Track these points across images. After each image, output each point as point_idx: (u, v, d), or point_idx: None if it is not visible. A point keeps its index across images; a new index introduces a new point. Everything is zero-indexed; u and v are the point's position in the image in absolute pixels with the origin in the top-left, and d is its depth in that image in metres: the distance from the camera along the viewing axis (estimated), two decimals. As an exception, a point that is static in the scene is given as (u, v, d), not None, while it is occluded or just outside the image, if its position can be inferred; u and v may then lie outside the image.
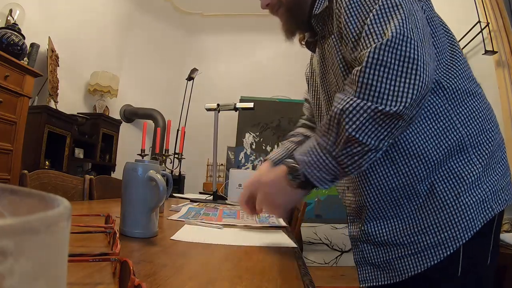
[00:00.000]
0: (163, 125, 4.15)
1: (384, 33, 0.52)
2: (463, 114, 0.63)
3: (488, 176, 0.63)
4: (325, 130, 0.56)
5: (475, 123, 0.64)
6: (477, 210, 0.60)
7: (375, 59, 0.51)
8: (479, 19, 2.33)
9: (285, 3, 0.73)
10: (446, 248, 0.60)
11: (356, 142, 0.53)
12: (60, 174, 1.20)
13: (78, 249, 0.49)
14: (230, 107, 1.85)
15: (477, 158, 0.62)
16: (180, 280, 0.39)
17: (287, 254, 0.59)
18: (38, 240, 0.12)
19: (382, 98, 0.51)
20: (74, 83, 3.49)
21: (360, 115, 0.51)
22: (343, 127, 0.53)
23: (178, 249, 0.57)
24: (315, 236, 3.54)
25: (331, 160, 0.55)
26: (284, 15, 0.75)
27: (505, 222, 1.79)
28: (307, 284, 0.43)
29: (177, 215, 0.99)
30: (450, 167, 0.62)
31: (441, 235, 0.60)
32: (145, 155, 1.85)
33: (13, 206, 0.16)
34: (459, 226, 0.59)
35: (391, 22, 0.52)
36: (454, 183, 0.61)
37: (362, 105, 0.51)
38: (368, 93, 0.51)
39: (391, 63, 0.50)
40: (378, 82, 0.51)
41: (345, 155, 0.54)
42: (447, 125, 0.62)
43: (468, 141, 0.62)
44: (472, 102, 0.65)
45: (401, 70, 0.50)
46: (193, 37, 5.00)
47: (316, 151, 0.56)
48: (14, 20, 2.44)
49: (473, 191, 0.61)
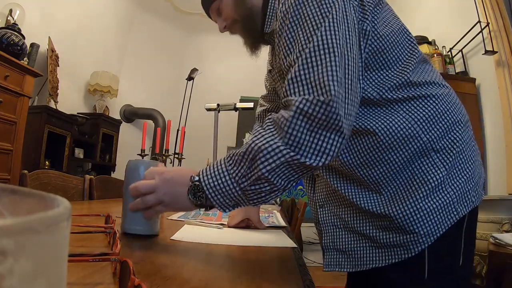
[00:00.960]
0: (163, 125, 4.15)
1: (312, 86, 0.53)
2: (423, 120, 0.62)
3: (453, 179, 0.62)
4: (238, 160, 0.55)
5: (437, 127, 0.63)
6: (440, 215, 0.60)
7: (302, 113, 0.51)
8: (479, 19, 2.33)
9: (240, 20, 0.75)
10: (409, 251, 0.60)
11: (267, 181, 0.53)
12: (60, 174, 1.20)
13: (78, 249, 0.49)
14: (230, 107, 1.86)
15: (440, 162, 0.62)
16: (180, 280, 0.39)
17: (287, 254, 0.59)
18: (38, 240, 0.12)
19: (304, 151, 0.52)
20: (74, 83, 3.49)
21: (277, 158, 0.52)
22: (257, 165, 0.53)
23: (178, 249, 0.57)
24: (315, 236, 3.54)
25: (238, 190, 0.55)
26: (242, 32, 0.78)
27: (505, 222, 1.79)
28: (307, 284, 0.43)
29: (177, 215, 0.99)
30: (412, 172, 0.62)
31: (403, 236, 0.61)
32: (145, 155, 1.85)
33: (13, 206, 0.16)
34: (421, 231, 0.60)
35: (320, 74, 0.52)
36: (416, 188, 0.61)
37: (282, 149, 0.52)
38: (291, 143, 0.52)
39: (315, 120, 0.51)
40: (302, 135, 0.52)
41: (253, 191, 0.55)
42: (409, 132, 0.61)
43: (431, 146, 0.62)
44: (432, 107, 0.64)
45: (323, 129, 0.52)
46: (193, 37, 5.00)
47: (225, 178, 0.55)
48: (14, 20, 2.44)
49: (435, 195, 0.61)
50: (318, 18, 0.55)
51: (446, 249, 0.62)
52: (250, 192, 0.55)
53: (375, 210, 0.64)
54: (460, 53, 2.59)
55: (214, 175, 0.56)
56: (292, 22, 0.58)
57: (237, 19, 0.75)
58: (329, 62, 0.52)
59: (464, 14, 2.56)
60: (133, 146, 3.68)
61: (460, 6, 2.66)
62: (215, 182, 0.55)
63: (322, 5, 0.55)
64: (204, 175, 0.56)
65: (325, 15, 0.55)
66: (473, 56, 2.52)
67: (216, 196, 0.55)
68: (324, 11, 0.55)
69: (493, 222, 1.84)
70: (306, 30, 0.55)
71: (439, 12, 2.98)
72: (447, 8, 2.89)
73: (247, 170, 0.54)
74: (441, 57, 2.66)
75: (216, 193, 0.55)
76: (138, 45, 4.49)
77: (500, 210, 1.85)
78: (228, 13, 0.74)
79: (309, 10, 0.56)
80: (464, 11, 2.58)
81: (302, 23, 0.56)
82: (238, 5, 0.73)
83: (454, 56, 2.67)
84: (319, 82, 0.52)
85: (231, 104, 1.86)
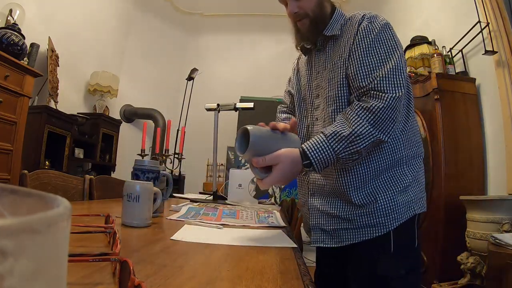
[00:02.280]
0: (163, 125, 4.14)
1: (396, 87, 0.79)
2: (405, 139, 0.89)
3: (415, 186, 0.89)
4: (341, 139, 0.78)
5: (412, 146, 0.90)
6: (403, 208, 0.85)
7: (390, 105, 0.78)
8: (479, 19, 2.33)
9: (312, 16, 0.90)
10: (379, 230, 0.84)
11: (358, 153, 0.79)
12: (60, 174, 1.20)
13: (78, 249, 0.49)
14: (230, 107, 1.85)
15: (409, 171, 0.89)
16: (180, 280, 0.39)
17: (287, 254, 0.59)
18: (38, 240, 0.12)
19: (385, 131, 0.79)
20: (74, 83, 3.49)
21: (369, 139, 0.78)
22: (357, 143, 0.77)
23: (178, 249, 0.57)
24: (315, 236, 3.53)
25: (335, 158, 0.79)
26: (308, 26, 0.91)
27: (505, 222, 1.79)
28: (307, 284, 0.43)
29: (177, 215, 0.99)
30: (389, 176, 0.87)
31: (376, 220, 0.85)
32: (145, 155, 1.85)
33: (13, 206, 0.16)
34: (389, 217, 0.84)
35: (401, 81, 0.80)
36: (390, 187, 0.86)
37: (374, 134, 0.78)
38: (378, 125, 0.78)
39: (392, 111, 0.78)
40: (386, 120, 0.78)
41: (347, 159, 0.79)
42: (394, 146, 0.87)
43: (405, 159, 0.89)
44: (411, 127, 0.91)
45: (394, 118, 0.79)
46: (193, 37, 5.00)
47: (328, 152, 0.78)
48: (14, 20, 2.44)
49: (403, 195, 0.86)
50: (394, 44, 0.83)
51: (406, 233, 0.86)
52: (343, 159, 0.79)
53: (359, 201, 0.86)
54: (460, 53, 2.59)
55: (319, 150, 0.78)
56: (375, 40, 0.83)
57: (309, 15, 0.90)
58: (402, 76, 0.81)
59: (464, 14, 2.56)
60: (133, 146, 3.68)
61: (460, 6, 2.66)
62: (319, 154, 0.78)
63: (395, 37, 0.85)
64: (311, 151, 0.78)
65: (398, 47, 0.84)
66: (473, 56, 2.51)
67: (318, 162, 0.78)
68: (397, 44, 0.84)
69: (493, 222, 1.84)
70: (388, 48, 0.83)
71: (439, 12, 2.98)
72: (447, 8, 2.89)
73: (347, 146, 0.78)
74: (441, 57, 2.66)
75: (320, 161, 0.78)
76: (138, 45, 4.49)
77: (500, 210, 1.85)
78: (307, 5, 0.89)
79: (388, 37, 0.84)
80: (464, 11, 2.58)
81: (383, 44, 0.83)
82: (318, 6, 0.90)
83: (454, 56, 2.67)
84: (400, 88, 0.80)
85: (231, 104, 1.86)
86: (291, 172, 0.77)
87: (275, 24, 4.24)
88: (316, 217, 0.95)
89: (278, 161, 0.75)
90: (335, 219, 0.90)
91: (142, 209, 0.75)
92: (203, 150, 3.97)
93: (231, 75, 4.82)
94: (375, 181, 0.87)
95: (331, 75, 0.90)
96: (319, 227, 0.93)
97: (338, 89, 0.88)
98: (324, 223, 0.92)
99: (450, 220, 2.16)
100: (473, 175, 2.31)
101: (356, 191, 0.87)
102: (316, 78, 0.97)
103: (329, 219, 0.91)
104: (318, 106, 0.96)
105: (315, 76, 0.97)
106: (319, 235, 0.93)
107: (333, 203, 0.91)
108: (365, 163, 0.86)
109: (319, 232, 0.94)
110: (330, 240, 0.91)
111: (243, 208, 1.36)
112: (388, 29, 0.85)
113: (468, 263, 1.90)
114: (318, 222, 0.94)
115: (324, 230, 0.92)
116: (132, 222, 0.73)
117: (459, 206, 2.04)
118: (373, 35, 0.83)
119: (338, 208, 0.90)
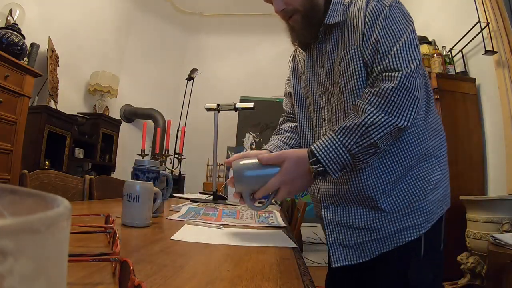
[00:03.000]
0: (163, 125, 4.14)
1: (410, 61, 0.70)
2: (429, 129, 0.80)
3: (444, 182, 0.80)
4: (350, 131, 0.69)
5: (437, 138, 0.82)
6: (435, 207, 0.77)
7: (402, 83, 0.68)
8: (479, 19, 2.33)
9: (302, 10, 0.79)
10: (412, 234, 0.75)
11: (374, 146, 0.68)
12: (60, 174, 1.20)
13: (78, 249, 0.49)
14: (230, 107, 1.85)
15: (438, 166, 0.79)
16: (180, 280, 0.39)
17: (287, 254, 0.59)
18: (38, 240, 0.12)
19: (401, 115, 0.68)
20: (74, 83, 3.49)
21: (385, 128, 0.67)
22: (369, 134, 0.68)
23: (178, 249, 0.57)
24: (315, 236, 3.54)
25: (348, 155, 0.69)
26: (300, 22, 0.81)
27: (505, 222, 1.79)
28: (307, 284, 0.43)
29: (176, 215, 0.99)
30: (419, 170, 0.77)
31: (407, 223, 0.75)
32: (145, 155, 1.85)
33: (13, 206, 0.16)
34: (422, 218, 0.75)
35: (414, 55, 0.71)
36: (421, 183, 0.76)
37: (388, 121, 0.67)
38: (392, 109, 0.68)
39: (407, 91, 0.68)
40: (401, 102, 0.68)
41: (362, 154, 0.69)
42: (419, 136, 0.77)
43: (432, 152, 0.79)
44: (434, 121, 0.82)
45: (412, 97, 0.68)
46: (193, 37, 5.00)
47: (337, 149, 0.69)
48: (14, 20, 2.44)
49: (434, 192, 0.77)
50: (406, 21, 0.74)
51: (434, 234, 0.77)
52: (359, 155, 0.69)
53: (388, 206, 0.76)
54: (460, 53, 2.59)
55: (327, 148, 0.69)
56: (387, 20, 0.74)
57: (299, 9, 0.79)
58: (417, 50, 0.72)
59: (464, 14, 2.56)
60: (133, 146, 3.68)
61: (460, 6, 2.66)
62: (330, 153, 0.69)
63: (406, 13, 0.76)
64: (318, 150, 0.69)
65: (410, 22, 0.75)
66: (473, 56, 2.51)
67: (331, 165, 0.69)
68: (409, 20, 0.75)
69: (493, 222, 1.84)
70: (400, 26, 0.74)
71: (439, 12, 2.98)
72: (447, 8, 2.89)
73: (359, 139, 0.68)
74: (441, 57, 2.66)
75: (331, 162, 0.69)
76: (138, 45, 4.49)
77: (500, 210, 1.85)
78: (292, 0, 0.79)
79: (398, 15, 0.74)
80: (464, 11, 2.58)
81: (396, 22, 0.74)
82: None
83: (454, 56, 2.67)
84: (414, 62, 0.70)
85: (231, 104, 1.86)
86: (296, 172, 0.70)
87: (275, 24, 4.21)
88: (333, 232, 0.81)
89: (283, 158, 0.70)
90: (358, 231, 0.78)
91: (142, 209, 0.75)
92: (203, 150, 3.97)
93: (231, 75, 4.82)
94: (403, 180, 0.76)
95: (345, 66, 0.78)
96: (339, 242, 0.80)
97: (356, 81, 0.76)
98: (344, 238, 0.80)
99: (450, 220, 2.14)
100: (473, 175, 2.31)
101: (384, 194, 0.76)
102: (321, 73, 0.86)
103: (351, 232, 0.79)
104: (325, 104, 0.85)
105: (319, 71, 0.86)
106: (340, 252, 0.80)
107: (354, 212, 0.79)
108: (390, 160, 0.76)
109: (339, 249, 0.80)
110: (355, 254, 0.78)
111: (243, 208, 1.36)
112: (397, 5, 0.76)
113: (468, 263, 1.90)
114: (336, 238, 0.80)
115: (346, 245, 0.80)
116: (132, 222, 0.73)
117: (459, 206, 2.04)
118: (384, 15, 0.74)
119: (361, 217, 0.78)
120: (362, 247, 0.77)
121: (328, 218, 0.83)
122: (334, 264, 0.79)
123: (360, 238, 0.77)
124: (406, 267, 0.75)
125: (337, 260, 0.79)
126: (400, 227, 0.75)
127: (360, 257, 0.77)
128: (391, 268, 0.76)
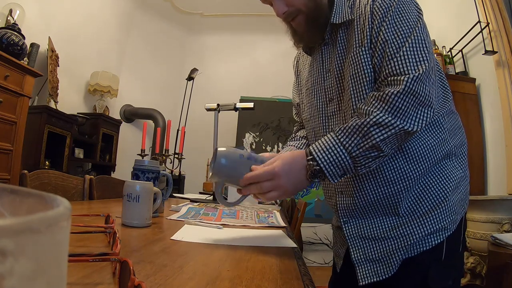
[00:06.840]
0: (163, 125, 4.14)
1: (418, 63, 0.64)
2: (450, 129, 0.76)
3: (464, 181, 0.76)
4: (351, 132, 0.65)
5: (457, 137, 0.78)
6: (457, 208, 0.73)
7: (409, 88, 0.63)
8: (479, 19, 2.32)
9: (306, 11, 0.74)
10: (437, 238, 0.70)
11: (377, 149, 0.64)
12: (60, 174, 1.20)
13: (78, 249, 0.49)
14: (230, 107, 1.85)
15: (459, 164, 0.76)
16: (180, 280, 0.39)
17: (287, 254, 0.59)
18: (38, 240, 0.12)
19: (408, 118, 0.63)
20: (74, 83, 3.49)
21: (389, 130, 0.63)
22: (371, 135, 0.63)
23: (178, 249, 0.57)
24: (315, 236, 3.54)
25: (349, 159, 0.64)
26: (304, 25, 0.76)
27: (505, 222, 1.79)
28: (307, 284, 0.43)
29: (176, 215, 0.99)
30: (440, 168, 0.73)
31: (432, 227, 0.70)
32: (145, 155, 1.85)
33: (13, 206, 0.16)
34: (446, 221, 0.71)
35: (423, 55, 0.65)
36: (443, 182, 0.72)
37: (393, 122, 0.63)
38: (397, 113, 0.63)
39: (413, 96, 0.63)
40: (406, 108, 0.63)
41: (364, 157, 0.64)
42: (443, 137, 0.74)
43: (454, 151, 0.76)
44: (455, 119, 0.79)
45: (419, 102, 0.63)
46: (193, 37, 5.00)
47: (337, 150, 0.65)
48: (14, 20, 2.44)
49: (456, 192, 0.73)
50: (415, 17, 0.68)
51: (454, 236, 0.72)
52: (360, 158, 0.64)
53: (405, 209, 0.72)
54: (460, 53, 2.59)
55: (326, 149, 0.65)
56: (395, 17, 0.68)
57: (302, 10, 0.74)
58: (427, 49, 0.66)
59: (464, 14, 2.56)
60: (133, 146, 3.68)
61: (460, 6, 2.66)
62: (328, 155, 0.65)
63: (414, 7, 0.70)
64: (317, 151, 0.65)
65: (420, 16, 0.69)
66: (473, 56, 2.51)
67: (329, 167, 0.64)
68: (419, 13, 0.69)
69: (493, 222, 1.84)
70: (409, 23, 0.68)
71: (439, 12, 2.98)
72: (447, 8, 2.89)
73: (360, 140, 0.64)
74: (441, 57, 2.66)
75: (329, 164, 0.65)
76: (138, 45, 4.49)
77: (500, 210, 1.85)
78: (296, 0, 0.73)
79: (408, 9, 0.68)
80: (464, 11, 2.58)
81: (404, 18, 0.68)
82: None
83: (454, 56, 2.67)
84: (423, 64, 0.64)
85: (231, 104, 1.86)
86: (289, 166, 0.65)
87: (275, 24, 4.20)
88: (358, 247, 0.76)
89: (276, 158, 0.66)
90: (383, 242, 0.73)
91: (142, 209, 0.75)
92: (203, 150, 3.97)
93: (231, 75, 4.81)
94: (424, 179, 0.72)
95: (353, 69, 0.72)
96: (365, 258, 0.75)
97: (366, 86, 0.71)
98: (370, 252, 0.74)
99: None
100: (473, 175, 2.30)
101: (407, 191, 0.72)
102: (327, 78, 0.79)
103: (376, 244, 0.74)
104: (333, 113, 0.79)
105: (325, 76, 0.79)
106: (367, 268, 0.74)
107: (376, 222, 0.75)
108: (412, 156, 0.71)
109: (366, 264, 0.74)
110: (383, 269, 0.72)
111: (243, 208, 1.36)
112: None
113: (468, 263, 1.90)
114: (362, 253, 0.75)
115: (372, 259, 0.74)
116: (132, 222, 0.73)
117: (459, 206, 2.04)
118: (392, 11, 0.68)
119: (384, 226, 0.74)
120: (389, 259, 0.72)
121: (350, 233, 0.77)
122: (362, 282, 0.73)
123: (385, 248, 0.72)
124: (426, 271, 0.70)
125: (365, 277, 0.73)
126: (426, 232, 0.70)
127: (388, 271, 0.71)
128: (410, 272, 0.71)
